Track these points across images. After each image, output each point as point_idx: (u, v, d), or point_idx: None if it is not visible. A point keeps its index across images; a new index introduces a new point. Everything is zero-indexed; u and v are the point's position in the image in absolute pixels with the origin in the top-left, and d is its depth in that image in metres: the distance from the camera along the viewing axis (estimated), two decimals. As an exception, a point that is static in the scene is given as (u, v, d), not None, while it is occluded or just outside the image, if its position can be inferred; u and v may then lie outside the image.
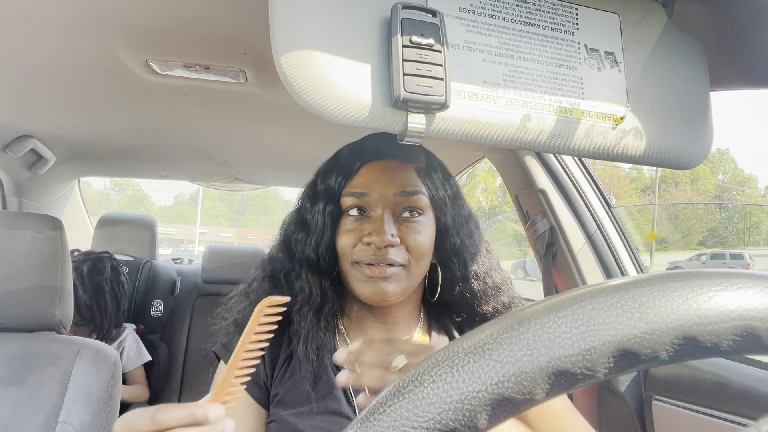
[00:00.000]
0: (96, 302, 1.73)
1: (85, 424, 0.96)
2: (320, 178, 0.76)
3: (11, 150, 1.53)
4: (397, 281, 0.69)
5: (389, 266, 0.69)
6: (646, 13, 0.57)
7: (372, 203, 0.71)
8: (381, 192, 0.71)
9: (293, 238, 0.76)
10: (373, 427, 0.22)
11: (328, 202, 0.73)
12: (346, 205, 0.72)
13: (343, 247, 0.71)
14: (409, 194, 0.71)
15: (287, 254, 0.76)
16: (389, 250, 0.68)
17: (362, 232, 0.70)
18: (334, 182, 0.73)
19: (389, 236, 0.68)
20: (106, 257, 1.87)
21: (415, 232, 0.71)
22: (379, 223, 0.69)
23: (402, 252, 0.70)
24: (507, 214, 16.92)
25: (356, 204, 0.71)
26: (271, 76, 1.01)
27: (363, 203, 0.71)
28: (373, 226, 0.69)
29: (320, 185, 0.75)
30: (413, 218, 0.72)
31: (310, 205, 0.75)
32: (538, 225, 1.37)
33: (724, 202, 32.08)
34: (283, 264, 0.76)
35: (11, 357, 1.00)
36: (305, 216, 0.76)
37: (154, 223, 2.38)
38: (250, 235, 46.27)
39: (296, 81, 0.43)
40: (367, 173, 0.72)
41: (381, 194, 0.71)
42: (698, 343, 0.22)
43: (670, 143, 0.55)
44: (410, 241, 0.70)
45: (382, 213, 0.70)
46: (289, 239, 0.76)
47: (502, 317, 0.24)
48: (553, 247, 1.34)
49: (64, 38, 0.87)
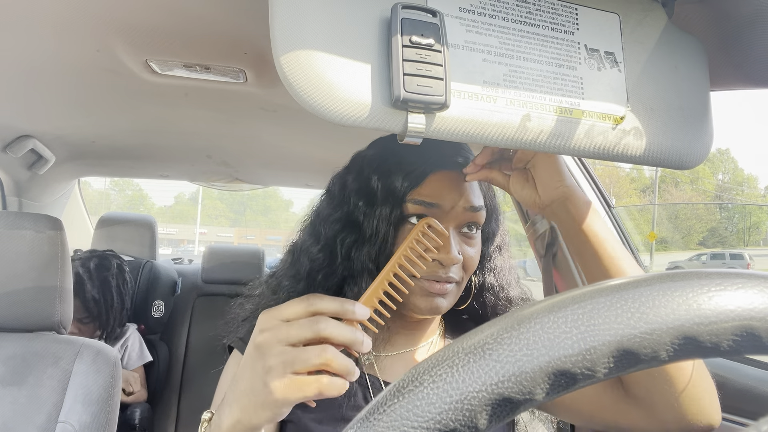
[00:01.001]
0: (103, 297, 1.74)
1: (85, 424, 0.96)
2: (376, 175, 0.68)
3: (11, 150, 1.53)
4: (451, 296, 0.67)
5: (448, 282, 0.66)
6: (646, 13, 0.57)
7: (441, 216, 0.66)
8: (452, 205, 0.66)
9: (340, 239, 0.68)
10: (373, 427, 0.22)
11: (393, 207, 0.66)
12: (410, 212, 0.66)
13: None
14: (477, 209, 0.67)
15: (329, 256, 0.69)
16: (452, 267, 0.65)
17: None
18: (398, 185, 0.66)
19: (456, 254, 0.64)
20: (111, 255, 1.89)
21: (472, 248, 0.68)
22: (447, 241, 0.64)
23: (459, 268, 0.67)
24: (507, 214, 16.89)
25: (423, 213, 0.66)
26: (271, 76, 1.01)
27: (431, 214, 0.66)
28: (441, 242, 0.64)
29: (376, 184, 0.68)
30: (471, 233, 0.69)
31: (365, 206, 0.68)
32: (538, 225, 1.37)
33: (724, 202, 32.07)
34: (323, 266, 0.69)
35: (11, 357, 1.00)
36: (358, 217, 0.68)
37: (154, 223, 2.38)
38: (250, 235, 46.28)
39: (296, 81, 0.43)
40: (438, 182, 0.67)
41: (452, 207, 0.66)
42: (698, 343, 0.22)
43: (670, 143, 0.55)
44: (467, 258, 0.67)
45: (449, 229, 0.66)
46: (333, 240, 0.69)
47: (502, 317, 0.24)
48: (553, 247, 1.34)
49: (64, 38, 0.87)
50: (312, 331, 0.46)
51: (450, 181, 0.67)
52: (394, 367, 0.73)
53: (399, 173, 0.67)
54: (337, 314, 0.48)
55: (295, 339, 0.46)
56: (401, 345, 0.74)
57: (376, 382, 0.71)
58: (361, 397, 0.69)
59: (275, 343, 0.47)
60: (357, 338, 0.48)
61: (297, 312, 0.48)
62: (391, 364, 0.73)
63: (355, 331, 0.48)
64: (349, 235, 0.68)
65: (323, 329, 0.46)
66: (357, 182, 0.70)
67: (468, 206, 0.67)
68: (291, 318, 0.48)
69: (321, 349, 0.46)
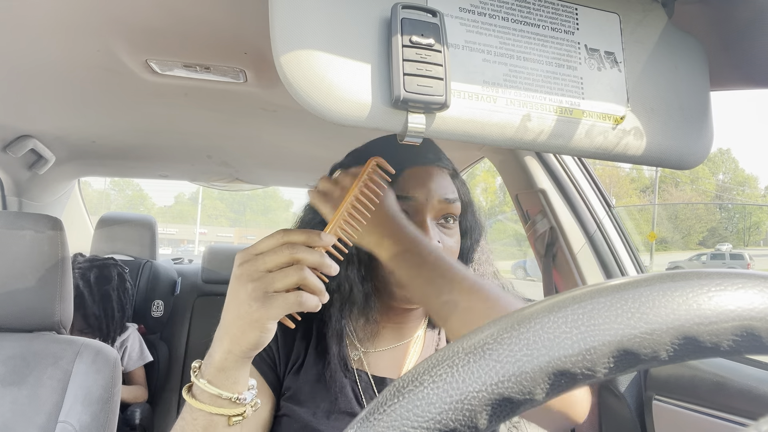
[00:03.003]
0: (104, 311, 1.73)
1: (85, 424, 0.96)
2: None
3: (11, 150, 1.53)
4: None
5: None
6: (646, 13, 0.57)
7: (417, 208, 0.70)
8: (426, 197, 0.70)
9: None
10: (373, 427, 0.22)
11: None
12: None
13: None
14: (451, 201, 0.72)
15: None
16: None
17: None
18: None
19: (435, 242, 0.68)
20: (111, 264, 1.86)
21: (450, 238, 0.72)
22: (425, 230, 0.68)
23: None
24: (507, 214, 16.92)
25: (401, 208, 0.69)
26: (271, 76, 1.01)
27: (407, 208, 0.70)
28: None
29: None
30: (449, 224, 0.72)
31: None
32: (538, 225, 1.37)
33: (724, 202, 32.07)
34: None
35: (11, 357, 1.00)
36: None
37: (154, 223, 2.38)
38: (250, 235, 46.23)
39: (296, 81, 0.43)
40: (412, 177, 0.71)
41: (426, 200, 0.70)
42: (698, 343, 0.22)
43: (670, 143, 0.55)
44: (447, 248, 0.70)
45: (428, 219, 0.70)
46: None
47: (502, 317, 0.24)
48: (553, 247, 1.34)
49: (64, 38, 0.87)
50: (286, 256, 0.52)
51: (423, 175, 0.72)
52: (382, 362, 0.76)
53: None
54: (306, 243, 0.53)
55: (271, 265, 0.52)
56: (388, 341, 0.77)
57: (364, 377, 0.73)
58: (350, 391, 0.71)
59: (254, 270, 0.52)
60: (325, 261, 0.53)
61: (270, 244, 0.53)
62: (379, 359, 0.76)
63: (323, 255, 0.53)
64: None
65: (295, 253, 0.52)
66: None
67: (442, 198, 0.71)
68: (265, 250, 0.53)
69: (297, 268, 0.51)
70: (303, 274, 0.51)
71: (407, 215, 0.70)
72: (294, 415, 0.69)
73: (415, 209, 0.70)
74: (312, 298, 0.52)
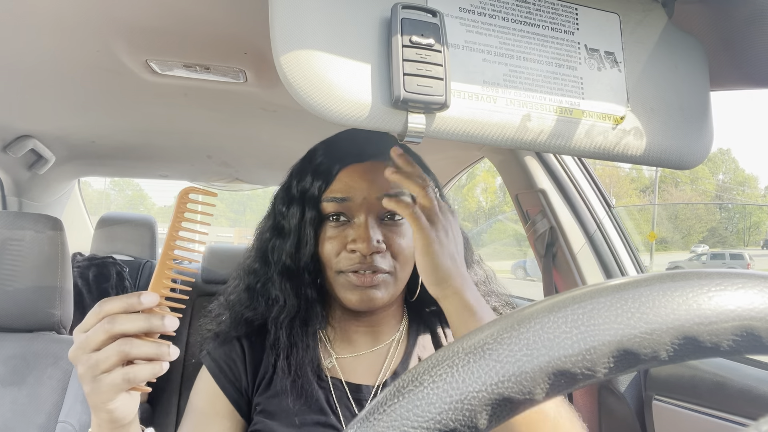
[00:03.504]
0: None
1: (85, 424, 0.96)
2: (295, 180, 0.73)
3: (11, 150, 1.53)
4: (384, 288, 0.68)
5: (375, 273, 0.66)
6: (646, 13, 0.57)
7: (354, 208, 0.68)
8: (363, 196, 0.67)
9: (269, 246, 0.73)
10: (373, 427, 0.22)
11: (307, 208, 0.69)
12: (327, 211, 0.69)
13: (326, 255, 0.68)
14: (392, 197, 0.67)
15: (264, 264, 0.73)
16: (375, 257, 0.66)
17: (346, 238, 0.67)
18: (311, 186, 0.69)
19: (375, 243, 0.65)
20: (110, 262, 1.86)
21: (399, 236, 0.69)
22: (363, 230, 0.66)
23: (388, 258, 0.67)
24: (507, 214, 16.94)
25: (338, 210, 0.68)
26: (271, 76, 1.01)
27: (345, 209, 0.68)
28: (357, 232, 0.66)
29: (295, 189, 0.72)
30: (397, 222, 0.69)
31: (286, 210, 0.71)
32: (538, 225, 1.37)
33: (724, 202, 32.08)
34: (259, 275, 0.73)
35: (11, 357, 1.00)
36: (281, 222, 0.72)
37: (154, 223, 2.38)
38: (250, 235, 46.11)
39: (296, 81, 0.43)
40: (347, 177, 0.69)
41: (363, 199, 0.67)
42: (698, 343, 0.22)
43: (670, 143, 0.55)
44: (395, 247, 0.68)
45: (366, 218, 0.67)
46: (265, 248, 0.73)
47: (502, 317, 0.24)
48: (553, 247, 1.34)
49: (64, 38, 0.86)
50: (103, 332, 0.48)
51: (360, 173, 0.69)
52: (357, 367, 0.73)
53: (312, 175, 0.70)
54: (125, 310, 0.50)
55: (94, 344, 0.49)
56: (362, 345, 0.74)
57: (338, 384, 0.71)
58: (324, 400, 0.69)
59: (80, 353, 0.49)
60: (152, 323, 0.50)
61: (91, 321, 0.50)
62: (355, 365, 0.73)
63: (149, 318, 0.50)
64: (276, 240, 0.71)
65: (110, 328, 0.48)
66: (282, 191, 0.74)
67: (380, 195, 0.67)
68: (88, 328, 0.50)
69: (117, 344, 0.48)
70: (123, 349, 0.48)
71: (346, 217, 0.68)
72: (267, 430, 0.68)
73: (352, 209, 0.68)
74: (143, 371, 0.49)
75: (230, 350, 0.73)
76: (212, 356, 0.74)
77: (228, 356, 0.73)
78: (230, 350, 0.73)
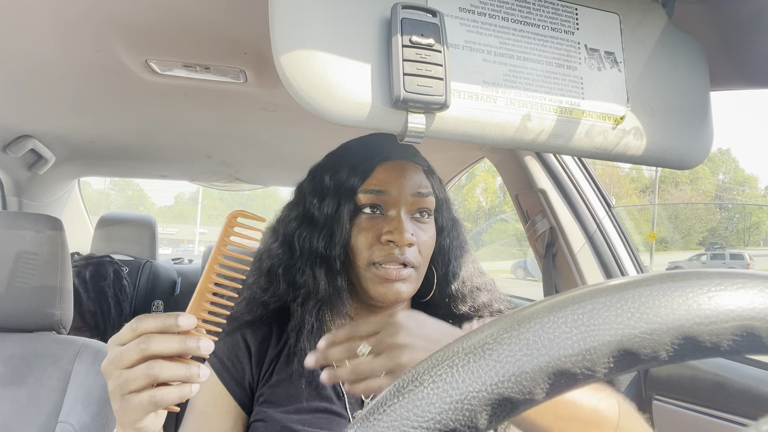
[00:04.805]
0: (99, 308, 1.72)
1: (85, 424, 0.96)
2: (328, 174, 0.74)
3: (11, 150, 1.53)
4: (410, 282, 0.70)
5: (404, 267, 0.69)
6: (646, 13, 0.57)
7: (390, 202, 0.71)
8: (400, 191, 0.71)
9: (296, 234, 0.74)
10: (373, 427, 0.22)
11: (343, 199, 0.72)
12: (362, 203, 0.71)
13: (359, 246, 0.70)
14: (424, 195, 0.72)
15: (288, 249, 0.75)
16: (406, 249, 0.69)
17: (380, 230, 0.70)
18: (348, 179, 0.72)
19: (409, 235, 0.68)
20: (107, 261, 1.86)
21: (425, 233, 0.72)
22: (399, 222, 0.69)
23: (416, 253, 0.70)
24: (507, 214, 16.93)
25: (374, 202, 0.71)
26: (271, 76, 1.01)
27: (381, 201, 0.71)
28: (393, 224, 0.69)
29: (329, 182, 0.74)
30: (423, 219, 0.73)
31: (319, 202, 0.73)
32: (538, 225, 1.37)
33: (724, 202, 32.07)
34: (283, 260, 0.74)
35: (11, 357, 1.00)
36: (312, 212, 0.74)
37: (154, 223, 2.38)
38: (250, 235, 45.97)
39: (296, 81, 0.43)
40: (384, 172, 0.72)
41: (400, 193, 0.71)
42: (698, 343, 0.22)
43: (670, 143, 0.55)
44: (422, 243, 0.71)
45: (402, 212, 0.70)
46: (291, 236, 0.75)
47: (502, 317, 0.24)
48: (553, 247, 1.34)
49: (64, 38, 0.87)
50: (137, 352, 0.48)
51: (396, 169, 0.72)
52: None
53: (348, 168, 0.73)
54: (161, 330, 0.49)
55: (126, 362, 0.48)
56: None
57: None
58: (330, 389, 0.71)
59: (113, 368, 0.49)
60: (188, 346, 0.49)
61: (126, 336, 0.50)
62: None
63: (185, 340, 0.49)
64: (305, 230, 0.73)
65: (145, 348, 0.48)
66: (311, 184, 0.76)
67: (415, 192, 0.72)
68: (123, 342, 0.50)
69: (146, 366, 0.48)
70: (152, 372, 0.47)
71: (380, 210, 0.71)
72: (269, 418, 0.69)
73: (388, 202, 0.71)
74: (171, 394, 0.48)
75: (233, 345, 0.74)
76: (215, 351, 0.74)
77: (231, 351, 0.74)
78: (233, 345, 0.74)
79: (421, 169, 0.75)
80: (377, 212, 0.72)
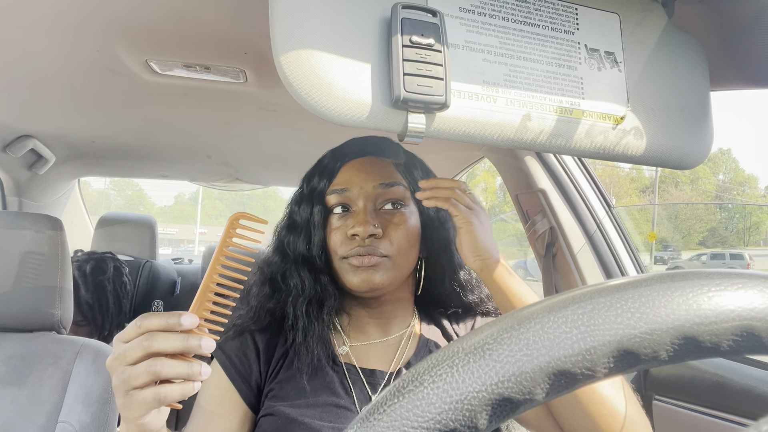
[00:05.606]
0: (97, 301, 1.73)
1: (85, 424, 0.96)
2: (305, 183, 0.80)
3: (11, 150, 1.53)
4: (383, 270, 0.72)
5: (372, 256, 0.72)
6: (646, 13, 0.57)
7: (354, 198, 0.74)
8: (360, 186, 0.74)
9: (286, 241, 0.79)
10: (373, 427, 0.22)
11: (315, 203, 0.77)
12: (331, 204, 0.76)
13: (333, 244, 0.74)
14: (387, 186, 0.74)
15: (282, 257, 0.79)
16: (372, 240, 0.72)
17: (348, 227, 0.73)
18: (318, 184, 0.77)
19: (371, 227, 0.71)
20: (109, 257, 1.87)
21: (396, 223, 0.74)
22: (360, 215, 0.72)
23: (385, 243, 0.73)
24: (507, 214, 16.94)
25: (339, 201, 0.75)
26: (271, 76, 1.01)
27: (345, 199, 0.75)
28: (357, 219, 0.72)
29: (306, 189, 0.79)
30: (394, 210, 0.75)
31: (298, 208, 0.79)
32: (538, 225, 1.37)
33: (724, 203, 32.06)
34: (279, 266, 0.79)
35: (11, 357, 1.00)
36: (295, 219, 0.80)
37: (154, 223, 2.38)
38: (250, 235, 45.95)
39: (296, 81, 0.43)
40: (347, 171, 0.76)
41: (361, 188, 0.74)
42: (698, 343, 0.22)
43: (670, 143, 0.55)
44: (392, 233, 0.73)
45: (364, 205, 0.73)
46: (282, 243, 0.80)
47: (502, 317, 0.24)
48: (553, 247, 1.34)
49: (64, 38, 0.87)
50: (141, 349, 0.49)
51: (358, 166, 0.76)
52: (370, 354, 0.77)
53: (317, 174, 0.78)
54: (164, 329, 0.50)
55: (130, 359, 0.50)
56: (374, 335, 0.79)
57: (353, 369, 0.75)
58: (338, 383, 0.73)
59: (117, 364, 0.51)
60: (190, 344, 0.50)
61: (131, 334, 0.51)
62: (367, 352, 0.78)
63: (187, 338, 0.50)
64: (291, 235, 0.79)
65: (149, 346, 0.49)
66: (296, 194, 0.82)
67: (377, 184, 0.74)
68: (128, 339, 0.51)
69: (149, 363, 0.49)
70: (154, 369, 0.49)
71: (348, 208, 0.75)
72: (277, 412, 0.70)
73: (351, 199, 0.74)
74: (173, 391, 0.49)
75: (242, 344, 0.76)
76: (223, 349, 0.76)
77: (239, 350, 0.75)
78: (242, 344, 0.76)
79: (389, 162, 0.77)
80: (346, 210, 0.75)
